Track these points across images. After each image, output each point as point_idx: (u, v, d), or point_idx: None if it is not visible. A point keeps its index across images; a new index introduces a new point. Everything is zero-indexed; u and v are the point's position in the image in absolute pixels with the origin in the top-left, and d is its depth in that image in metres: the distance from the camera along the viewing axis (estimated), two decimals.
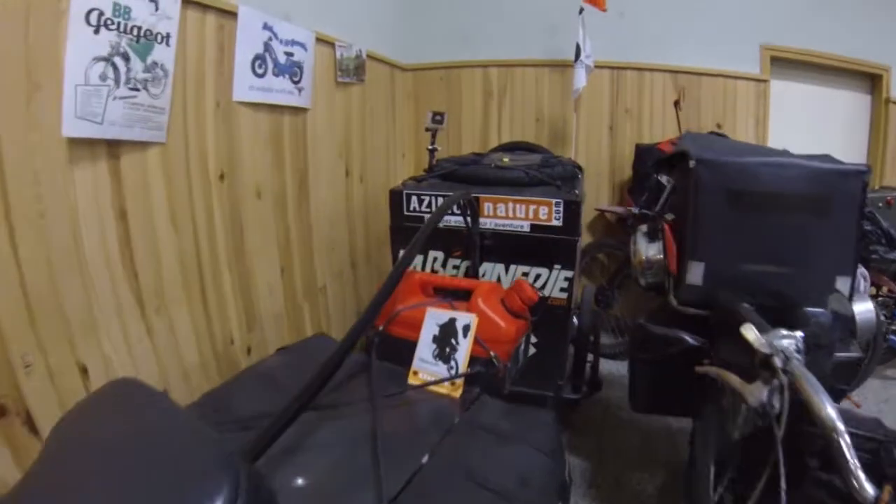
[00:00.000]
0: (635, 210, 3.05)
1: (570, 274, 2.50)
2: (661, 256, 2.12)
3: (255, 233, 2.66)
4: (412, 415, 1.51)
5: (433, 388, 1.56)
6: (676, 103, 4.16)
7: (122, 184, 1.93)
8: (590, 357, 2.88)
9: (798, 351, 1.21)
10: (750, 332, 1.25)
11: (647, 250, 2.16)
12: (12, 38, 1.53)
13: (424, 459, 1.25)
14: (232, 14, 2.36)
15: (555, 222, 2.43)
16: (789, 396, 1.15)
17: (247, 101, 2.50)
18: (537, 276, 2.52)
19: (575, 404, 2.88)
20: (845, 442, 1.04)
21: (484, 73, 4.56)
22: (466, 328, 1.59)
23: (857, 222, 1.94)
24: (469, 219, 2.39)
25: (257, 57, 2.55)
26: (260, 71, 2.57)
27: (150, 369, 2.09)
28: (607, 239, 4.29)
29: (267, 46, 2.61)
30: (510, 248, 2.52)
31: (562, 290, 2.52)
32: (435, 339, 1.62)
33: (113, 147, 1.88)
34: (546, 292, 2.52)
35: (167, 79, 2.02)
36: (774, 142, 4.78)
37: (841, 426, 1.05)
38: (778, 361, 1.17)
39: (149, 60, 1.93)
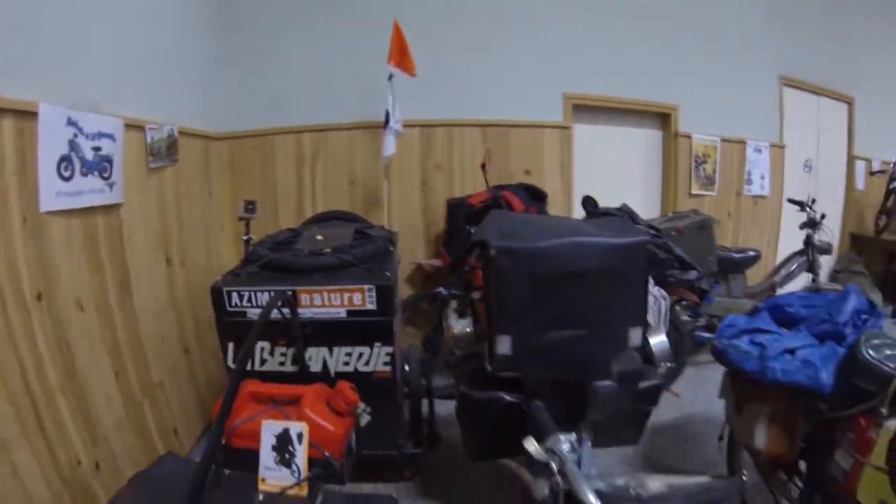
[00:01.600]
0: (444, 291, 3.29)
1: (390, 349, 2.71)
2: (470, 330, 2.35)
3: (83, 346, 2.60)
4: None
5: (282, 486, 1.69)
6: (483, 166, 4.47)
7: None
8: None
9: (573, 450, 1.43)
10: (530, 446, 1.48)
11: (457, 326, 2.37)
12: None
13: None
14: (32, 115, 2.29)
15: (369, 306, 2.64)
16: (564, 488, 1.37)
17: (56, 209, 2.43)
18: (360, 355, 2.71)
19: (419, 458, 3.08)
20: None
21: (297, 138, 4.70)
22: (300, 436, 1.72)
23: (644, 283, 2.29)
24: (289, 312, 2.51)
25: (63, 158, 2.48)
26: (66, 174, 2.51)
27: None
28: (427, 289, 4.52)
29: (72, 144, 2.55)
30: (331, 333, 2.68)
31: (385, 364, 2.73)
32: (274, 448, 1.73)
33: None
34: (370, 368, 2.71)
35: None
36: (579, 182, 5.35)
37: None
38: (554, 466, 1.38)
39: None
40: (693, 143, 6.27)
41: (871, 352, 2.20)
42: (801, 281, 5.78)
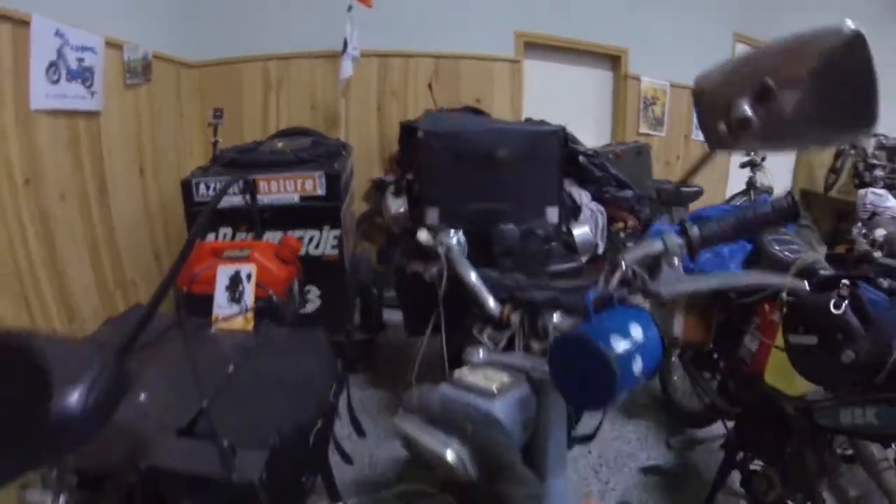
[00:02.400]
0: (383, 178, 3.72)
1: (337, 233, 3.14)
2: (404, 210, 2.76)
3: (65, 235, 3.00)
4: (218, 344, 1.97)
5: (232, 326, 2.08)
6: (430, 86, 4.88)
7: None
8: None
9: (459, 243, 1.81)
10: (422, 234, 1.90)
11: (393, 205, 2.77)
12: None
13: (230, 370, 1.74)
14: (25, 24, 2.66)
15: (319, 192, 3.06)
16: (447, 272, 1.76)
17: (44, 108, 2.83)
18: (311, 238, 3.11)
19: (366, 344, 3.51)
20: (480, 289, 1.64)
21: (264, 66, 5.05)
22: (249, 276, 2.11)
23: (556, 168, 2.78)
24: (248, 198, 2.91)
25: (51, 64, 2.87)
26: (54, 78, 2.90)
27: None
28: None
29: (60, 53, 2.93)
30: (285, 217, 3.08)
31: (332, 247, 3.16)
32: (227, 289, 2.12)
33: None
34: (320, 251, 3.13)
35: None
36: (529, 114, 5.41)
37: (479, 283, 1.67)
38: (441, 250, 1.78)
39: None
40: (642, 86, 6.63)
41: (774, 244, 2.43)
42: None
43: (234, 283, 2.12)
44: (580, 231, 3.17)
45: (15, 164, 2.67)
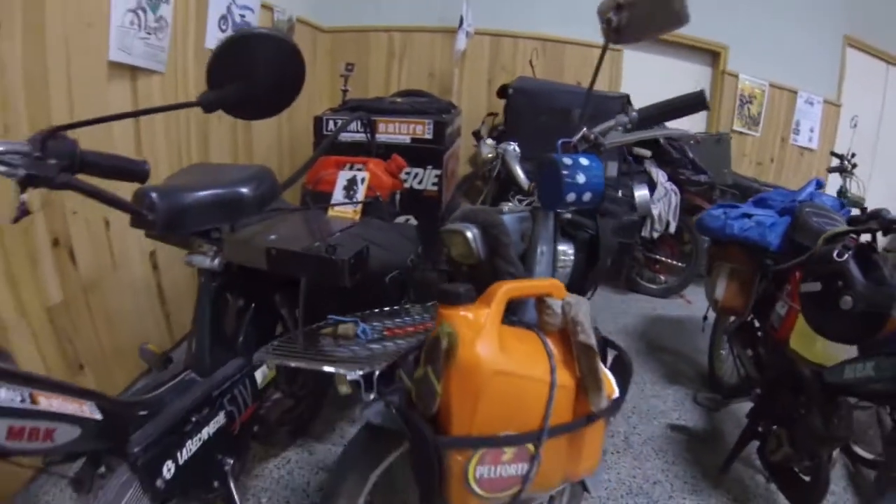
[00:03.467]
0: (480, 129, 4.32)
1: (438, 172, 3.74)
2: (492, 154, 3.36)
3: (217, 148, 3.75)
4: (333, 220, 2.48)
5: (344, 214, 2.68)
6: (531, 62, 5.55)
7: (138, 97, 3.00)
8: None
9: (514, 150, 2.30)
10: (487, 144, 2.49)
11: (485, 150, 3.37)
12: None
13: (341, 228, 2.29)
14: None
15: (427, 136, 3.67)
16: (504, 168, 2.29)
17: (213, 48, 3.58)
18: (416, 175, 3.74)
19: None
20: (518, 174, 2.13)
21: (389, 36, 5.77)
22: (363, 180, 2.72)
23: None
24: (368, 135, 3.57)
25: (222, 17, 3.65)
26: (223, 27, 3.67)
27: None
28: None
29: (229, 9, 3.71)
30: (397, 154, 3.67)
31: (433, 184, 3.76)
32: (344, 188, 2.73)
33: (134, 70, 2.94)
34: (423, 186, 3.75)
35: (168, 28, 3.10)
36: None
37: (518, 170, 2.09)
38: (500, 151, 2.27)
39: (157, 14, 3.01)
40: (739, 82, 6.80)
41: (812, 216, 2.60)
42: None
43: (351, 184, 2.72)
44: (640, 192, 3.69)
45: (191, 87, 3.41)
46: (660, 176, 4.75)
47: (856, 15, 7.16)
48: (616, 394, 1.46)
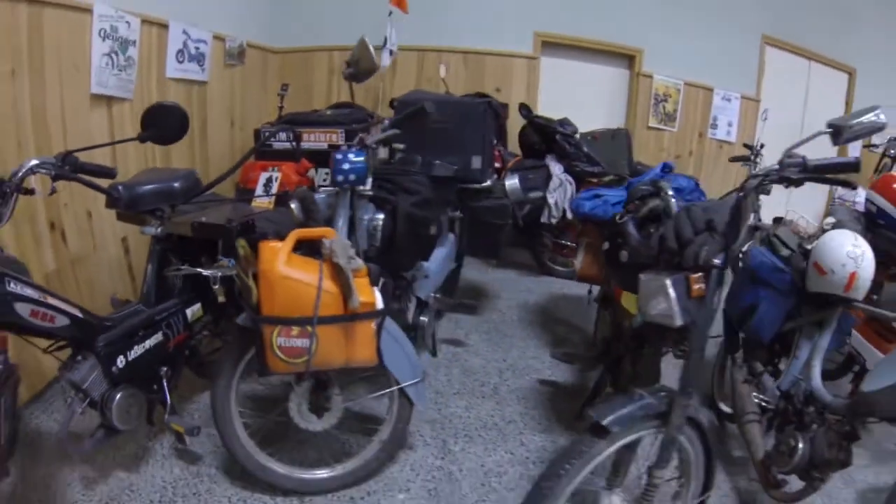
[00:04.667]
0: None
1: None
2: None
3: (177, 157, 4.70)
4: (254, 208, 3.55)
5: (263, 205, 3.71)
6: (441, 75, 6.53)
7: (113, 120, 4.00)
8: None
9: None
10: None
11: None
12: (65, 44, 3.50)
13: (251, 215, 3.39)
14: (165, 26, 4.44)
15: (339, 142, 4.55)
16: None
17: (173, 77, 4.60)
18: (328, 173, 4.70)
19: None
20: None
21: (329, 54, 6.80)
22: (276, 178, 3.60)
23: (485, 128, 4.14)
24: (293, 143, 4.58)
25: (179, 51, 4.64)
26: (181, 59, 4.67)
27: None
28: None
29: (185, 44, 4.70)
30: (318, 157, 4.46)
31: None
32: (264, 185, 3.62)
33: (109, 100, 3.93)
34: None
35: (135, 65, 4.10)
36: (546, 105, 6.91)
37: None
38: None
39: (126, 55, 4.00)
40: (654, 83, 7.42)
41: (637, 191, 2.81)
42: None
43: (268, 182, 3.63)
44: (510, 182, 4.74)
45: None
46: (556, 168, 5.55)
47: (773, 15, 7.80)
48: (379, 305, 2.39)
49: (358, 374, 2.83)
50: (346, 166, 2.68)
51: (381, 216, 2.98)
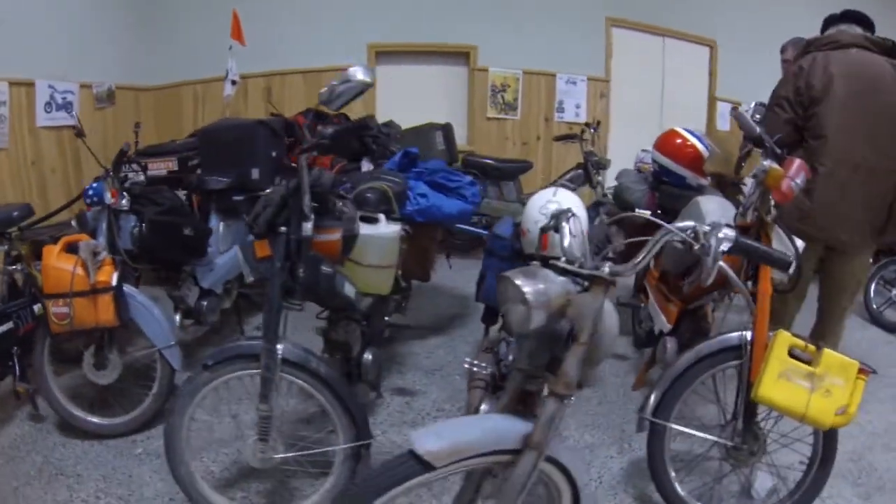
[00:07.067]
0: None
1: (183, 192, 5.49)
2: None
3: (53, 189, 5.96)
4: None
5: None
6: (268, 99, 7.57)
7: None
8: None
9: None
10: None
11: None
12: None
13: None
14: (32, 84, 5.64)
15: (174, 168, 5.31)
16: None
17: (44, 125, 5.81)
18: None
19: None
20: None
21: (193, 88, 7.86)
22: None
23: (262, 144, 4.85)
24: (142, 172, 5.79)
25: (46, 103, 5.83)
26: (48, 110, 5.86)
27: None
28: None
29: (52, 96, 5.86)
30: (160, 181, 5.34)
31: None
32: None
33: None
34: None
35: (6, 120, 5.32)
36: (384, 112, 7.22)
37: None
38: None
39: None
40: (490, 75, 7.88)
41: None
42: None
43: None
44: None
45: (28, 153, 5.60)
46: (366, 165, 5.85)
47: None
48: (114, 283, 3.19)
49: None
50: (90, 192, 3.74)
51: (133, 223, 3.92)
